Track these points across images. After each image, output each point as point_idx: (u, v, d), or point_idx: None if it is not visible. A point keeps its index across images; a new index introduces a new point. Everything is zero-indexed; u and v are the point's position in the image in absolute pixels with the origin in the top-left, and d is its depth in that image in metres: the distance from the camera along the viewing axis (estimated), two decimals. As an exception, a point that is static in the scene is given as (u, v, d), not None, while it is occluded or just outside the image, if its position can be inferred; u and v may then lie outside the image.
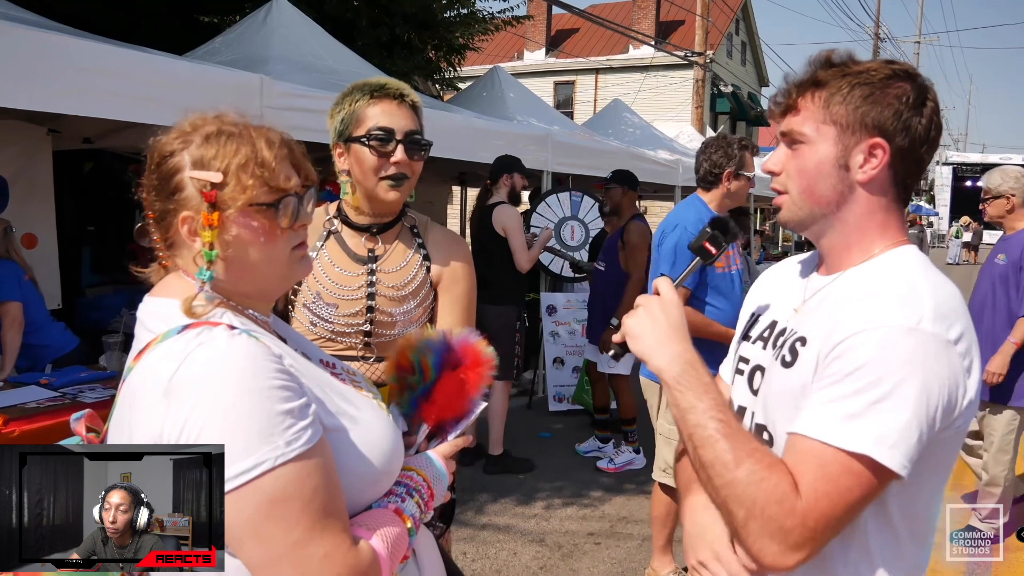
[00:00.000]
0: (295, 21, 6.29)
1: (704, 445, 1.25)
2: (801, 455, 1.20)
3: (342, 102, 2.00)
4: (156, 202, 1.22)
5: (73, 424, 1.25)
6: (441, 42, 10.09)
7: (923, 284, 1.26)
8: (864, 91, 1.30)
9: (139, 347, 1.17)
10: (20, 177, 5.60)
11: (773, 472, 1.20)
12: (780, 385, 1.35)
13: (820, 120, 1.33)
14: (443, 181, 10.79)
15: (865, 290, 1.28)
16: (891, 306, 1.22)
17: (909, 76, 1.32)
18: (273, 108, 4.42)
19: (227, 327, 1.13)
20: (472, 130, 6.47)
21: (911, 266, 1.31)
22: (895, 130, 1.29)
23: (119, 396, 1.17)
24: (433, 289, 2.11)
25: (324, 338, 2.03)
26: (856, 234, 1.36)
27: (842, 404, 1.18)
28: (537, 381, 7.72)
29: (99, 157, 6.85)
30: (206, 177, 1.18)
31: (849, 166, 1.32)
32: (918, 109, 1.30)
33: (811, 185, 1.35)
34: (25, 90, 3.49)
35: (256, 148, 1.21)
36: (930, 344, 1.18)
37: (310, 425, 1.10)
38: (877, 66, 1.32)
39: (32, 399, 3.48)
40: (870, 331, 1.19)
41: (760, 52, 35.10)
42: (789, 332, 1.37)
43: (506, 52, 29.98)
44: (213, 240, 1.17)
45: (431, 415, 1.45)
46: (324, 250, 2.06)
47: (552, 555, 4.38)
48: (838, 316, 1.26)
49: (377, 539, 1.17)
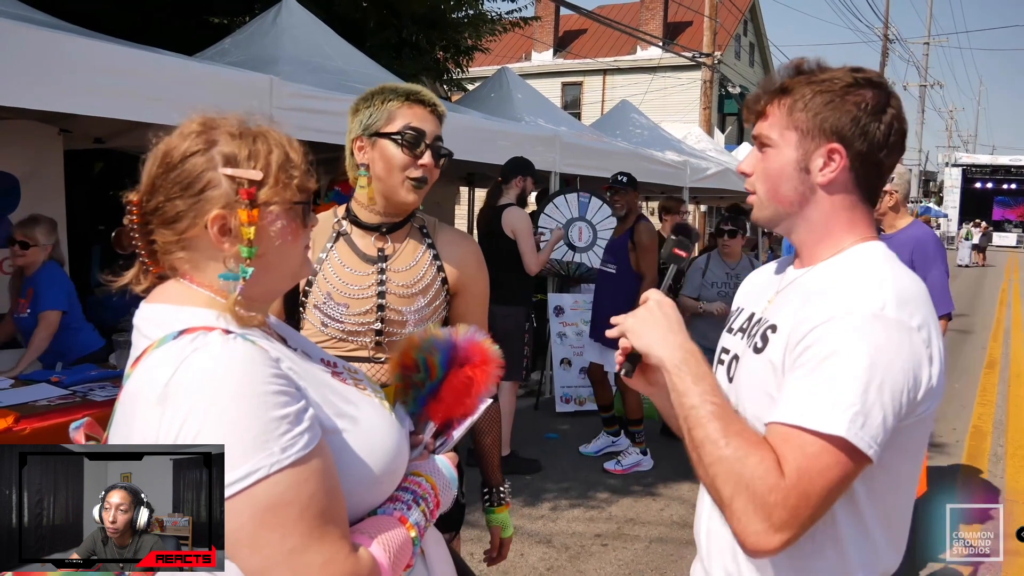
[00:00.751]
0: (304, 22, 6.31)
1: (697, 425, 1.31)
2: (782, 439, 1.25)
3: (372, 99, 2.02)
4: (175, 201, 1.18)
5: (72, 433, 1.25)
6: (449, 43, 10.09)
7: (886, 274, 1.33)
8: (825, 98, 1.37)
9: (136, 354, 1.16)
10: (32, 177, 5.63)
11: (758, 449, 1.25)
12: (750, 369, 1.43)
13: (784, 126, 1.41)
14: (450, 181, 10.80)
15: (832, 280, 1.36)
16: (856, 294, 1.29)
17: (871, 84, 1.38)
18: (282, 109, 4.43)
19: (222, 331, 1.12)
20: (480, 131, 6.48)
21: (876, 259, 1.38)
22: (853, 136, 1.37)
23: (117, 403, 1.16)
24: (445, 288, 2.12)
25: (335, 339, 2.03)
26: (822, 231, 1.43)
27: (814, 389, 1.24)
28: (544, 382, 7.72)
29: (109, 157, 6.89)
30: (246, 175, 1.17)
31: (810, 169, 1.40)
32: (877, 116, 1.37)
33: (775, 187, 1.44)
34: (37, 90, 3.51)
35: (285, 149, 1.23)
36: (892, 329, 1.25)
37: (307, 430, 1.08)
38: (840, 74, 1.39)
39: (42, 397, 3.50)
40: (837, 319, 1.26)
41: (768, 53, 35.01)
42: (762, 321, 1.45)
43: (514, 53, 29.98)
44: (253, 237, 1.17)
45: (438, 413, 1.45)
46: (334, 251, 2.07)
47: (559, 556, 4.39)
48: (807, 305, 1.33)
49: (378, 547, 1.15)
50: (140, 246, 1.23)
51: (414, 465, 1.35)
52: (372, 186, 2.04)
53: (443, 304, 2.13)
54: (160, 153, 1.21)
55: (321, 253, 2.06)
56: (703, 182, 10.44)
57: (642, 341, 1.43)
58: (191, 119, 1.24)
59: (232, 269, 1.19)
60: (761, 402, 1.37)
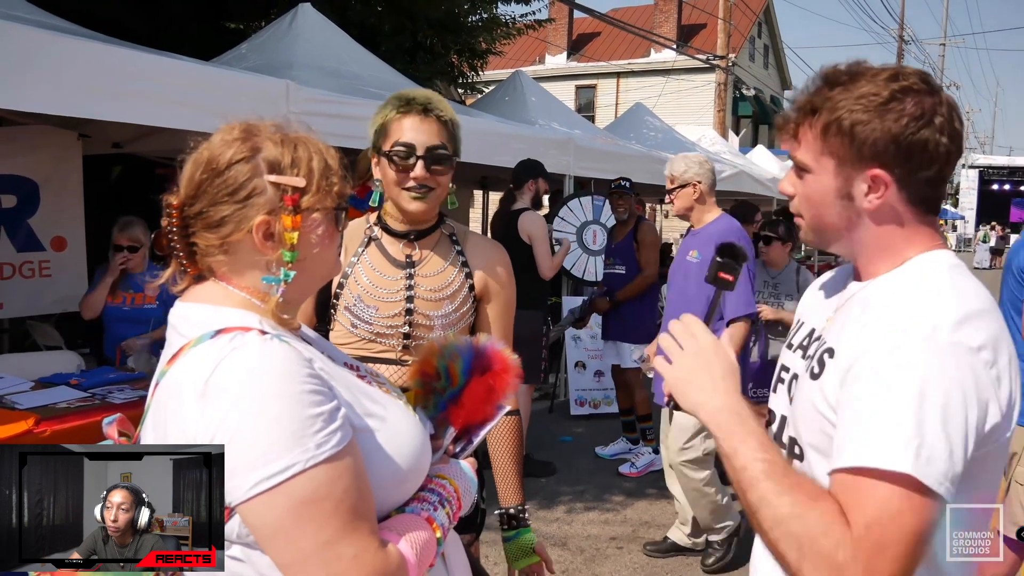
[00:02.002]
0: (320, 27, 6.34)
1: (750, 488, 1.19)
2: (843, 489, 1.13)
3: (380, 112, 2.05)
4: (220, 207, 1.21)
5: (105, 428, 1.27)
6: (464, 47, 10.12)
7: (945, 290, 1.21)
8: (860, 119, 1.24)
9: (172, 351, 1.18)
10: (50, 181, 5.68)
11: (818, 504, 1.13)
12: (806, 396, 1.32)
13: (819, 151, 1.29)
14: (464, 185, 10.82)
15: (886, 300, 1.24)
16: (908, 316, 1.18)
17: (912, 92, 1.24)
18: (298, 113, 4.46)
19: (259, 332, 1.15)
20: (494, 134, 6.49)
21: (935, 273, 1.26)
22: (896, 158, 1.23)
23: (152, 399, 1.19)
24: (472, 295, 2.14)
25: (364, 340, 2.07)
26: (878, 251, 1.31)
27: (867, 425, 1.13)
28: (559, 385, 7.72)
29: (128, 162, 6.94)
30: (291, 182, 1.21)
31: (853, 195, 1.28)
32: (923, 129, 1.22)
33: (818, 214, 1.34)
34: (56, 95, 3.54)
35: (324, 156, 1.26)
36: (947, 354, 1.13)
37: (340, 428, 1.11)
38: (876, 88, 1.24)
39: (62, 399, 3.52)
40: (887, 345, 1.16)
41: (783, 55, 34.90)
42: (821, 340, 1.34)
43: (528, 56, 30.01)
44: (296, 242, 1.21)
45: (458, 419, 1.46)
46: (365, 255, 2.11)
47: (574, 559, 4.39)
48: (859, 328, 1.23)
49: (405, 543, 1.18)
50: (179, 248, 1.26)
51: (439, 468, 1.38)
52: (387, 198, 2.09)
53: (470, 310, 2.15)
54: (204, 159, 1.23)
55: (353, 257, 2.10)
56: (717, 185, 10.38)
57: (686, 401, 1.33)
58: (231, 125, 1.26)
59: (274, 272, 1.23)
60: (816, 433, 1.27)
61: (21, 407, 3.33)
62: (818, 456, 1.27)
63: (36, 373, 4.06)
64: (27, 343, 6.00)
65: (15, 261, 5.55)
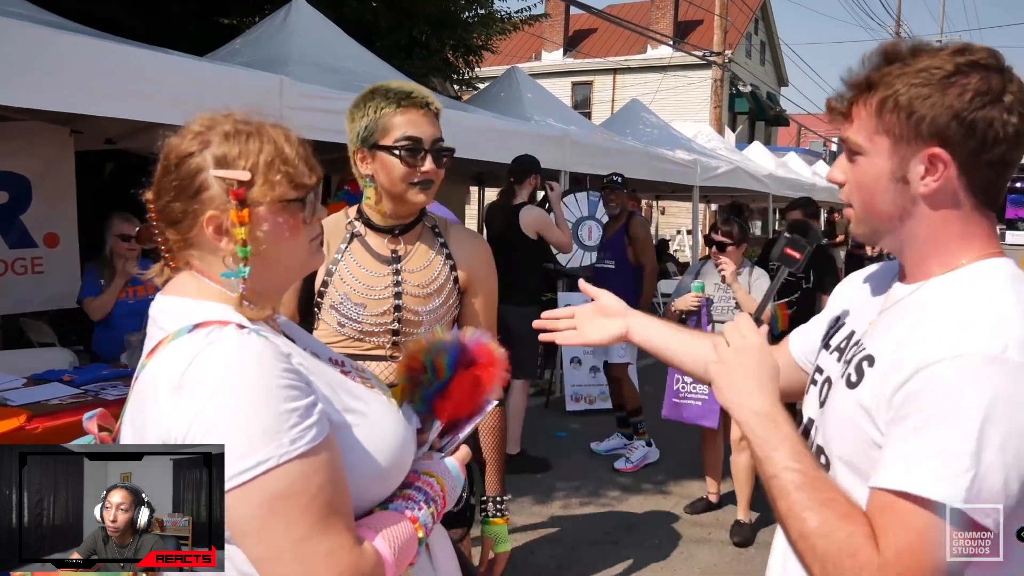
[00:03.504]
0: (314, 23, 6.32)
1: (780, 496, 1.16)
2: (879, 509, 1.08)
3: (364, 107, 2.01)
4: (175, 203, 1.21)
5: (86, 423, 1.27)
6: (459, 43, 10.10)
7: (1010, 303, 1.11)
8: (919, 93, 1.14)
9: (151, 345, 1.18)
10: (43, 178, 5.67)
11: (847, 523, 1.09)
12: (840, 405, 1.25)
13: (873, 130, 1.20)
14: (460, 181, 10.81)
15: (943, 310, 1.14)
16: (972, 331, 1.08)
17: (980, 67, 1.14)
18: (293, 109, 4.45)
19: (236, 326, 1.14)
20: (490, 130, 6.48)
21: (999, 282, 1.15)
22: (958, 135, 1.13)
23: (132, 392, 1.19)
24: (457, 287, 2.14)
25: (352, 338, 2.05)
26: (931, 247, 1.22)
27: (918, 447, 1.05)
28: (554, 381, 7.72)
29: (120, 158, 6.92)
30: (234, 176, 1.19)
31: (908, 179, 1.18)
32: (989, 105, 1.13)
33: (870, 200, 1.24)
34: (47, 91, 3.53)
35: (278, 146, 1.23)
36: (1017, 375, 1.04)
37: (316, 423, 1.10)
38: (940, 62, 1.15)
39: (55, 396, 3.52)
40: (947, 361, 1.06)
41: (779, 52, 34.89)
42: (860, 345, 1.26)
43: (524, 53, 29.98)
44: (246, 237, 1.19)
45: (445, 412, 1.46)
46: (349, 252, 2.08)
47: (569, 554, 4.39)
48: (912, 337, 1.13)
49: (382, 541, 1.17)
50: (159, 242, 1.26)
51: (427, 465, 1.37)
52: (379, 194, 2.06)
53: (455, 303, 2.15)
54: (163, 154, 1.23)
55: (336, 255, 2.08)
56: (713, 181, 10.43)
57: (724, 397, 1.30)
58: (196, 118, 1.25)
59: (231, 267, 1.21)
60: (849, 445, 1.21)
61: (13, 403, 3.33)
62: (846, 470, 1.22)
63: (29, 370, 4.05)
64: (21, 340, 5.98)
65: (7, 258, 5.54)
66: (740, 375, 1.28)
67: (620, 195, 6.21)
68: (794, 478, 1.14)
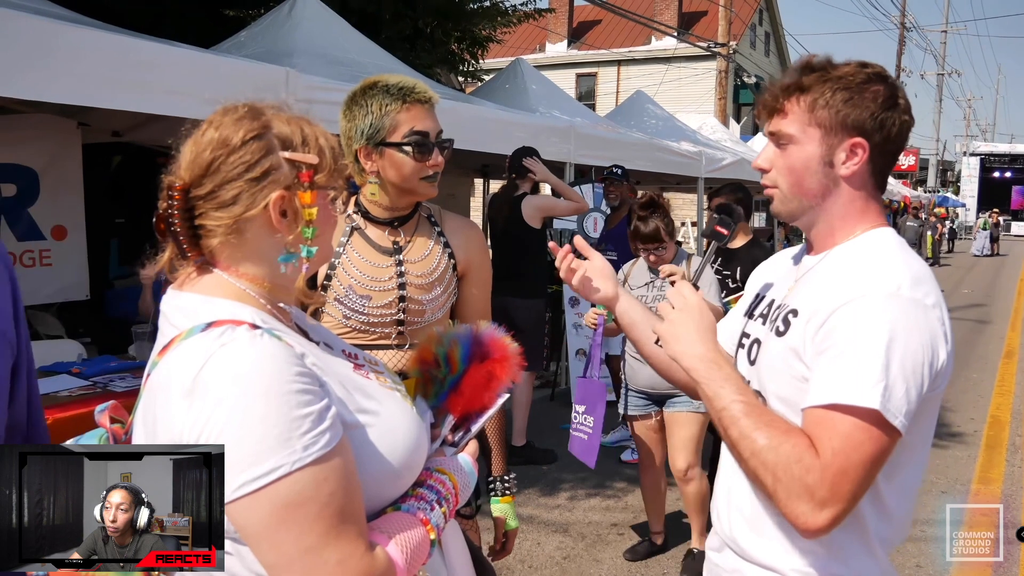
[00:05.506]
0: (319, 14, 6.31)
1: (731, 424, 1.37)
2: (815, 422, 1.32)
3: (366, 103, 2.01)
4: (231, 184, 1.18)
5: (97, 416, 1.26)
6: (464, 34, 10.08)
7: (898, 257, 1.42)
8: (844, 95, 1.44)
9: (163, 342, 1.17)
10: (50, 170, 5.68)
11: (790, 436, 1.32)
12: (773, 352, 1.49)
13: (806, 123, 1.47)
14: (465, 173, 10.80)
15: (848, 265, 1.44)
16: (871, 277, 1.37)
17: (882, 78, 1.46)
18: (298, 100, 4.44)
19: (250, 326, 1.13)
20: (495, 122, 6.47)
21: (888, 245, 1.47)
22: (872, 129, 1.44)
23: (143, 389, 1.18)
24: (455, 275, 2.19)
25: (358, 330, 2.07)
26: (839, 220, 1.50)
27: (841, 369, 1.31)
28: (560, 373, 7.72)
29: (127, 150, 6.93)
30: (306, 159, 1.20)
31: (833, 163, 1.47)
32: (892, 109, 1.44)
33: (799, 180, 1.50)
34: (55, 83, 3.53)
35: (328, 137, 1.27)
36: (910, 307, 1.33)
37: (329, 428, 1.09)
38: (853, 70, 1.45)
39: (64, 388, 3.54)
40: (856, 300, 1.34)
41: (784, 43, 34.75)
42: (783, 308, 1.52)
43: (528, 44, 29.90)
44: (313, 218, 1.21)
45: (458, 406, 1.45)
46: (350, 245, 2.10)
47: (576, 545, 4.40)
48: (825, 289, 1.41)
49: (394, 546, 1.16)
50: (180, 231, 1.22)
51: (440, 462, 1.36)
52: (384, 189, 2.09)
53: (455, 290, 2.19)
54: (213, 139, 1.20)
55: (338, 247, 2.09)
56: (718, 172, 10.39)
57: (671, 349, 1.51)
58: (233, 105, 1.24)
59: (293, 250, 1.22)
60: (783, 383, 1.45)
61: (23, 396, 3.33)
62: (781, 405, 1.44)
63: (37, 362, 4.02)
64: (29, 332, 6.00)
65: (16, 250, 5.55)
66: (683, 329, 1.50)
67: (620, 187, 6.24)
68: (741, 408, 1.37)
